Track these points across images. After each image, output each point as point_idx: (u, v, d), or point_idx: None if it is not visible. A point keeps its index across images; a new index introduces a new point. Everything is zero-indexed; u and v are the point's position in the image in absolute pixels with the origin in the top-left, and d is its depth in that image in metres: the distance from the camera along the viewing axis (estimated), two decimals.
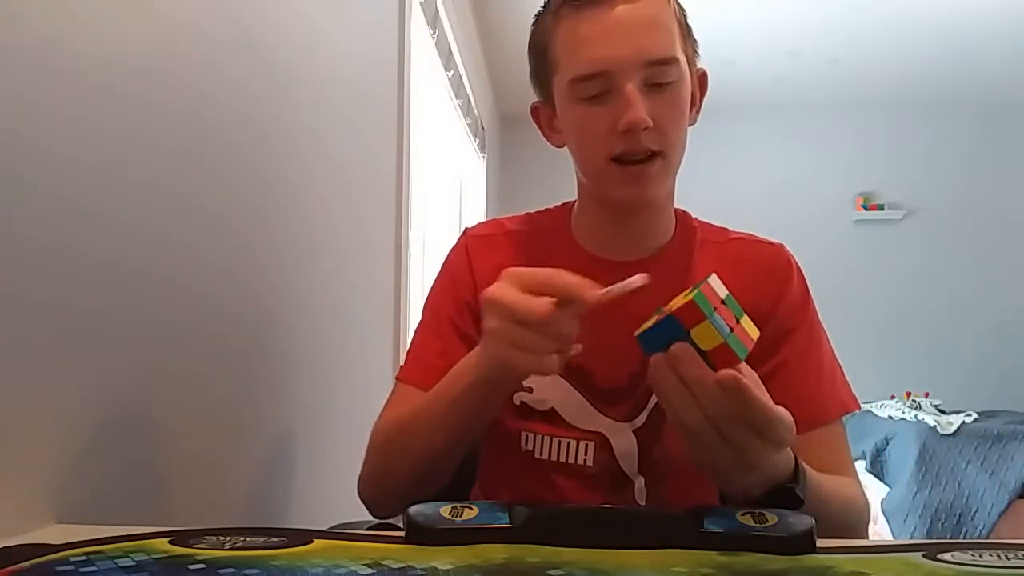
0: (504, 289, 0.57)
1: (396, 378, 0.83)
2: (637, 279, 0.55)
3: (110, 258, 0.67)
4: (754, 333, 0.55)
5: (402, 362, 0.85)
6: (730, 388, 0.51)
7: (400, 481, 0.73)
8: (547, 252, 0.84)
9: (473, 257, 0.85)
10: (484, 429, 0.72)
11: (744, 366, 0.54)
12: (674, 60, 0.72)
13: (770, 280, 0.81)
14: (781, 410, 0.53)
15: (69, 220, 0.62)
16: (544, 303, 0.55)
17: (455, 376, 0.67)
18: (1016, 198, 4.25)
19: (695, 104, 0.79)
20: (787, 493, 0.58)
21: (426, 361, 0.81)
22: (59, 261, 0.61)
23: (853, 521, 0.70)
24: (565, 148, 0.82)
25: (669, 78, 0.72)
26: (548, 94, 0.79)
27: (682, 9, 0.76)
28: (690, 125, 0.77)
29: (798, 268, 0.83)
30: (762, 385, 0.55)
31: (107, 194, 0.67)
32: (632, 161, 0.72)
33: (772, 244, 0.85)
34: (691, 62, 0.77)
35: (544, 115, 0.83)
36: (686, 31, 0.76)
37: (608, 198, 0.78)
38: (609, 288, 0.55)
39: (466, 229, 0.89)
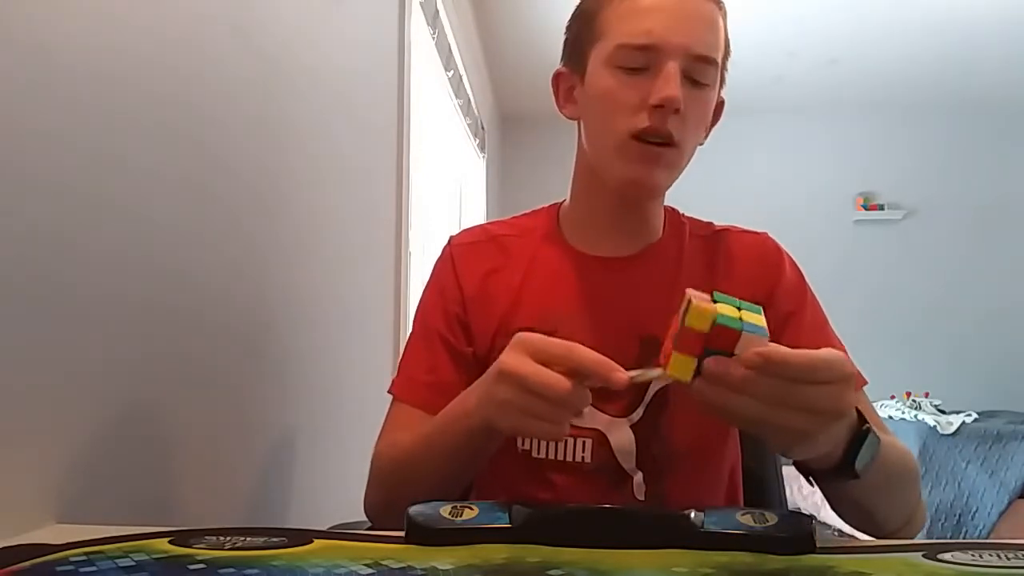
0: (520, 361, 0.56)
1: (390, 391, 0.83)
2: (657, 372, 0.54)
3: (110, 260, 0.67)
4: (759, 312, 0.53)
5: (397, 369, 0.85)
6: (757, 365, 0.49)
7: (406, 507, 0.73)
8: (535, 252, 0.84)
9: (459, 266, 0.85)
10: (488, 459, 0.71)
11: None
12: (715, 63, 0.74)
13: (763, 268, 0.82)
14: (818, 351, 0.50)
15: (69, 222, 0.62)
16: (562, 379, 0.54)
17: (454, 417, 0.66)
18: (1016, 198, 4.24)
19: (711, 124, 0.79)
20: (863, 436, 0.56)
21: (417, 377, 0.81)
22: (59, 262, 0.61)
23: (912, 467, 0.69)
24: (568, 147, 0.82)
25: (706, 79, 0.73)
26: (580, 62, 0.79)
27: (727, 35, 0.77)
28: (699, 144, 0.78)
29: (787, 253, 0.85)
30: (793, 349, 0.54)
31: (106, 196, 0.67)
32: (652, 142, 0.73)
33: (756, 233, 0.86)
34: (722, 80, 0.77)
35: (565, 83, 0.82)
36: (727, 51, 0.77)
37: (614, 178, 0.77)
38: (639, 372, 0.54)
39: (450, 238, 0.89)
